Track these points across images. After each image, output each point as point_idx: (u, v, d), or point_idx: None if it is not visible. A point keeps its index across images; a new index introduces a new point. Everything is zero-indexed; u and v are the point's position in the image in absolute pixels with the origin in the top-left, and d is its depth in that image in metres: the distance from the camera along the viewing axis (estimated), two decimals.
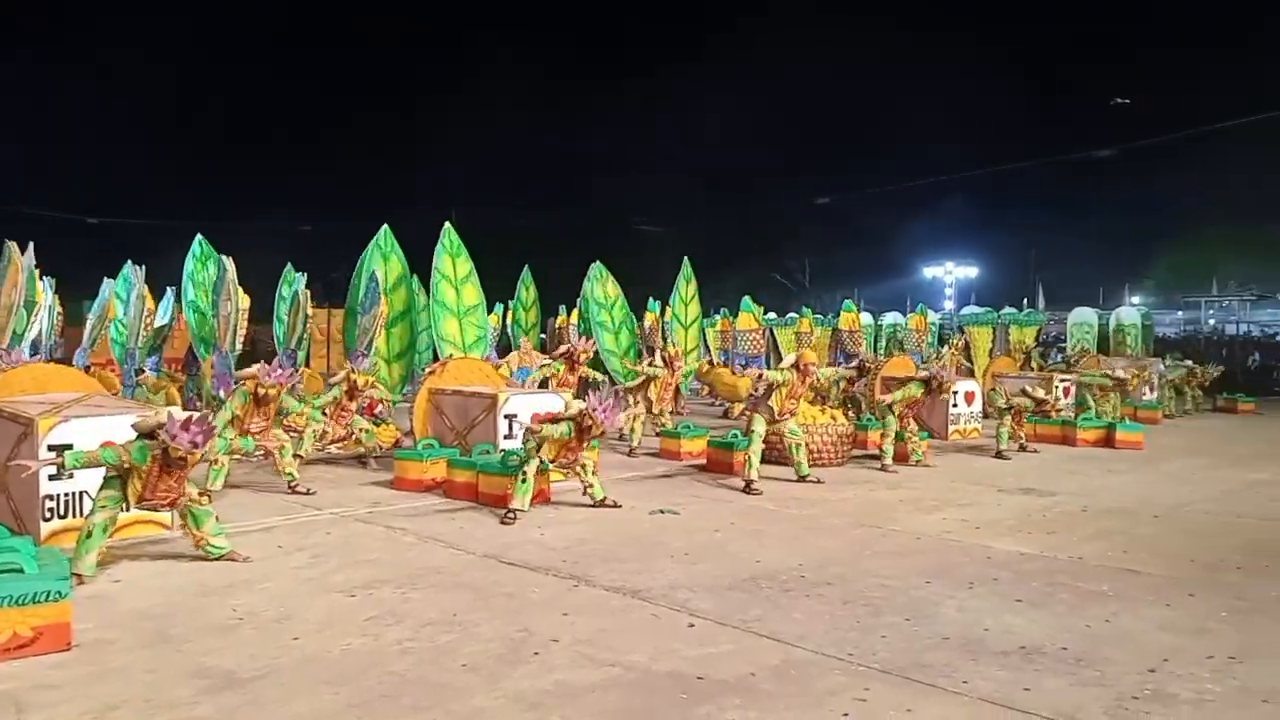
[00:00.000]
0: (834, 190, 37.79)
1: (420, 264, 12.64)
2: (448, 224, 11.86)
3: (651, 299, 20.13)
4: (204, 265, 14.02)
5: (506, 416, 8.94)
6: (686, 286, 16.32)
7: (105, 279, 15.33)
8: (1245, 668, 4.27)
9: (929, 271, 44.54)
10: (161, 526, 6.73)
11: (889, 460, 10.27)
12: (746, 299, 19.28)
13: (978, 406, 13.55)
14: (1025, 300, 24.09)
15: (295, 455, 8.64)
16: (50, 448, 6.24)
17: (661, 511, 7.73)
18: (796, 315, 19.96)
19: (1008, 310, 20.51)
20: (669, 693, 3.95)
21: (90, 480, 6.39)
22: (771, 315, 25.48)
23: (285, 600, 5.21)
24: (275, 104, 42.65)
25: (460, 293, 11.66)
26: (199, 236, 14.19)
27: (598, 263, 14.97)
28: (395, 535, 6.89)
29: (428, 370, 10.55)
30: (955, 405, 13.09)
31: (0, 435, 6.76)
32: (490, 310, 15.95)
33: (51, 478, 6.26)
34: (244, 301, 12.74)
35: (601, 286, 14.70)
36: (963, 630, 4.76)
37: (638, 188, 40.22)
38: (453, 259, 11.77)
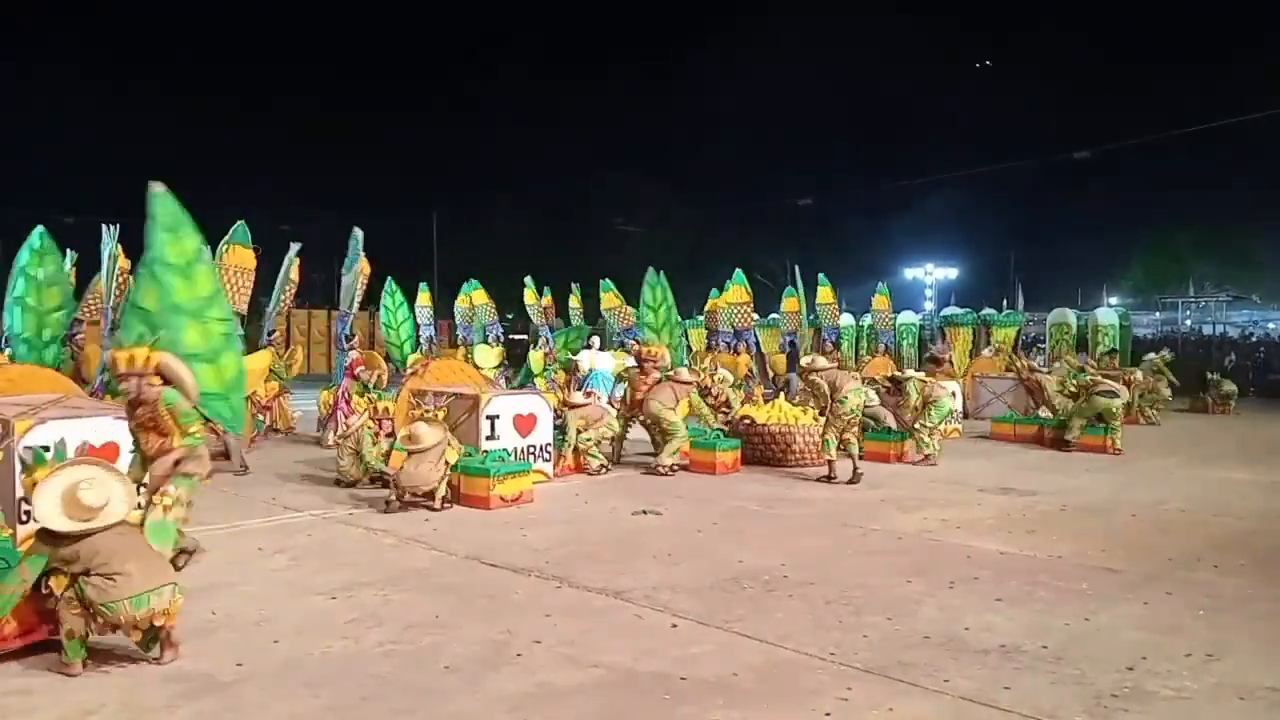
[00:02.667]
0: (816, 191, 37.99)
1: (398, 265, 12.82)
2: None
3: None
4: (40, 261, 12.62)
5: (489, 417, 8.91)
6: (653, 293, 16.31)
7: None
8: (1222, 665, 4.31)
9: (909, 273, 44.83)
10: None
11: (932, 451, 10.64)
12: (739, 271, 19.14)
13: (957, 405, 13.60)
14: (1005, 301, 24.28)
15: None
16: (27, 448, 6.16)
17: (644, 512, 7.72)
18: (778, 316, 19.96)
19: (987, 311, 20.65)
20: (652, 694, 3.95)
21: None
22: (755, 316, 25.54)
23: (265, 602, 5.17)
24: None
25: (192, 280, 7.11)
26: (40, 229, 12.75)
27: (651, 269, 15.60)
28: (376, 537, 6.85)
29: (409, 371, 10.48)
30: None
31: None
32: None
33: None
34: (366, 268, 13.91)
35: (652, 291, 15.28)
36: (943, 629, 4.79)
37: (616, 188, 40.26)
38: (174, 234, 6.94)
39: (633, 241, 39.62)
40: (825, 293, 19.83)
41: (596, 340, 15.37)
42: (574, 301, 20.65)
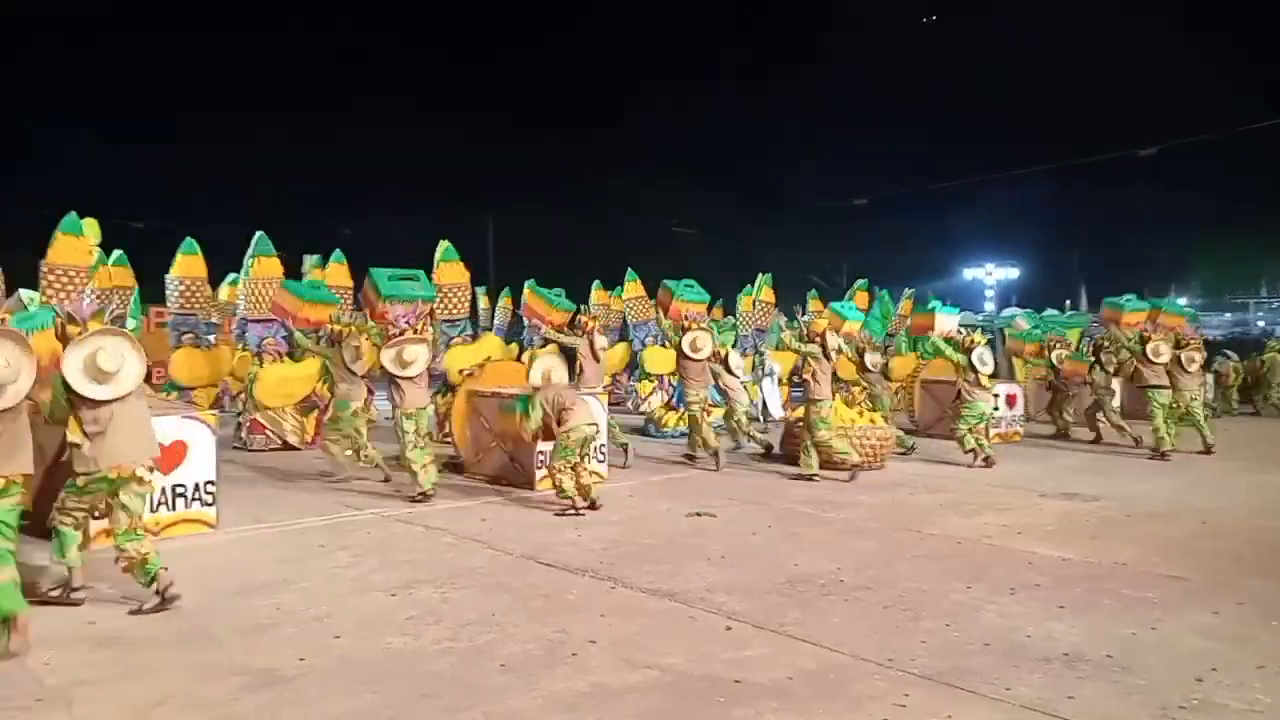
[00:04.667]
0: (871, 190, 37.54)
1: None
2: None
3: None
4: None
5: None
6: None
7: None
8: None
9: (969, 273, 44.06)
10: (206, 525, 6.84)
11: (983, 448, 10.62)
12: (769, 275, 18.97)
13: (1019, 409, 13.36)
14: (1068, 301, 23.75)
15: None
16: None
17: (698, 514, 7.71)
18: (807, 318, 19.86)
19: (1050, 312, 20.21)
20: (706, 696, 3.94)
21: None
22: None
23: (326, 599, 5.27)
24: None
25: None
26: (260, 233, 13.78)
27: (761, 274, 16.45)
28: (434, 535, 6.94)
29: (465, 373, 10.60)
30: (996, 408, 12.91)
31: (50, 436, 6.89)
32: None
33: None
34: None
35: (758, 291, 16.22)
36: (1004, 636, 4.70)
37: (672, 190, 40.26)
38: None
39: (685, 243, 39.61)
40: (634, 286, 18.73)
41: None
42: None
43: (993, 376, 11.26)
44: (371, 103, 39.70)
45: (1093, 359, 13.31)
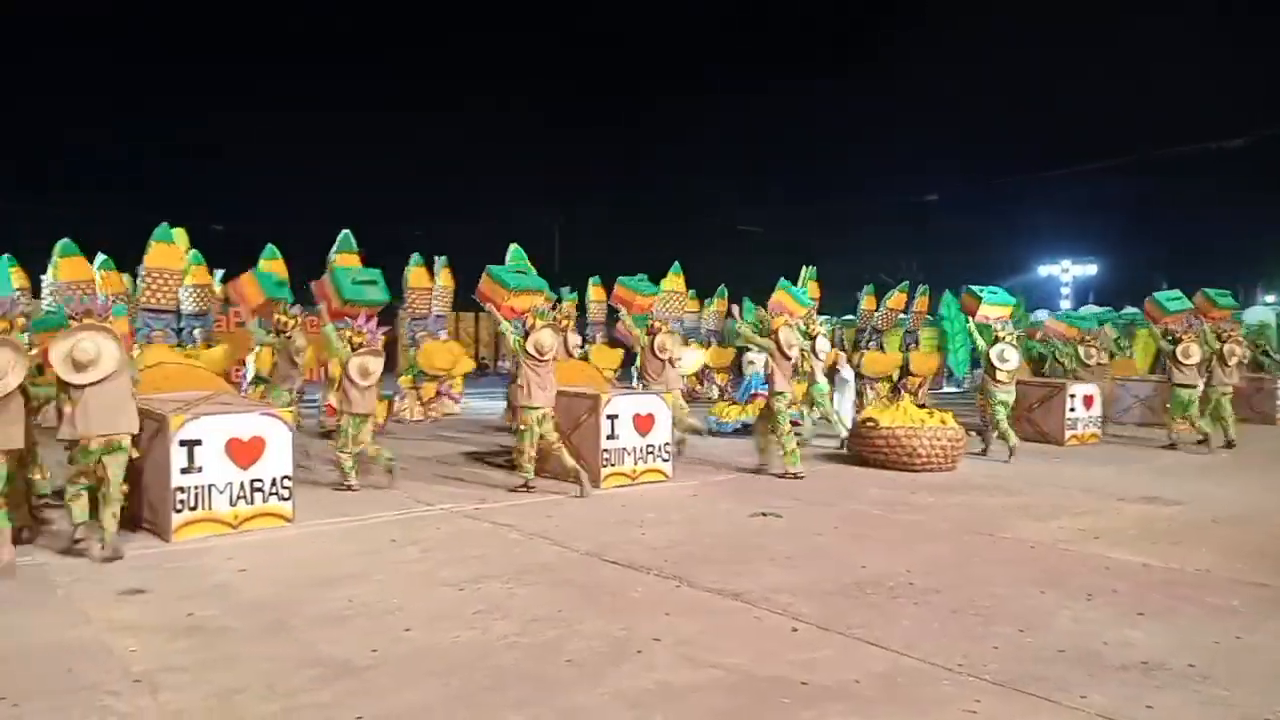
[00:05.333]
0: (940, 187, 36.86)
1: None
2: None
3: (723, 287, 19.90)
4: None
5: (609, 417, 9.02)
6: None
7: None
8: None
9: (1044, 270, 42.96)
10: (283, 519, 7.04)
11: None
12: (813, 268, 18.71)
13: (1097, 410, 12.99)
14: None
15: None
16: (181, 443, 6.61)
17: (763, 514, 7.67)
18: (905, 316, 19.56)
19: (1129, 310, 19.61)
20: (771, 697, 3.92)
21: (220, 475, 6.75)
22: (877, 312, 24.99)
23: (397, 592, 5.38)
24: None
25: None
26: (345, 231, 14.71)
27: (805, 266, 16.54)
28: (501, 531, 7.04)
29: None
30: (1073, 409, 12.59)
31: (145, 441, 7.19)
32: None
33: (183, 471, 6.62)
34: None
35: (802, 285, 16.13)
36: (1079, 643, 4.58)
37: (737, 187, 40.10)
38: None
39: (753, 241, 39.40)
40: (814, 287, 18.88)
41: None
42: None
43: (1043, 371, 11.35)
44: (449, 109, 40.62)
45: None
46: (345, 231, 14.25)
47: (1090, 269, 42.35)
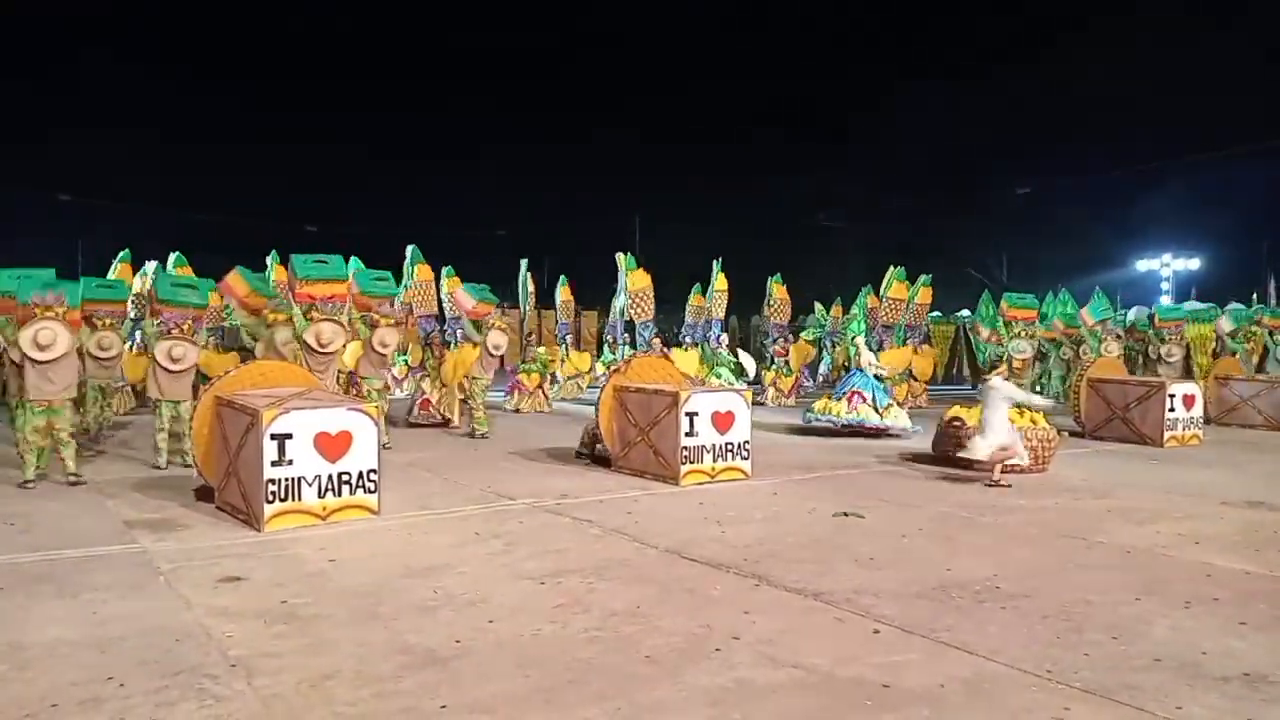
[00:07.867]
0: (1036, 179, 35.76)
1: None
2: None
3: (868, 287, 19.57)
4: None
5: (688, 414, 9.02)
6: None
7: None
8: None
9: (1142, 265, 41.29)
10: (368, 511, 7.23)
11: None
12: (900, 269, 18.55)
13: (1198, 411, 12.47)
14: (1255, 295, 21.93)
15: None
16: (272, 436, 6.84)
17: (845, 514, 7.58)
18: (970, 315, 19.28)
19: (1233, 306, 18.73)
20: (852, 698, 3.87)
21: (309, 467, 6.97)
22: (965, 312, 24.41)
23: (481, 585, 5.49)
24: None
25: None
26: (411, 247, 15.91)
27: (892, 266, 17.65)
28: (582, 527, 7.10)
29: (613, 368, 10.80)
30: (1172, 410, 12.10)
31: (232, 425, 7.48)
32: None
33: (274, 463, 6.85)
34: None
35: (886, 287, 17.33)
36: (1177, 652, 4.41)
37: (823, 184, 39.55)
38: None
39: (836, 236, 38.90)
40: (900, 288, 18.50)
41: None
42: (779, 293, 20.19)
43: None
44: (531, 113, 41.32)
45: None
46: (412, 246, 15.57)
47: (1193, 263, 40.53)
